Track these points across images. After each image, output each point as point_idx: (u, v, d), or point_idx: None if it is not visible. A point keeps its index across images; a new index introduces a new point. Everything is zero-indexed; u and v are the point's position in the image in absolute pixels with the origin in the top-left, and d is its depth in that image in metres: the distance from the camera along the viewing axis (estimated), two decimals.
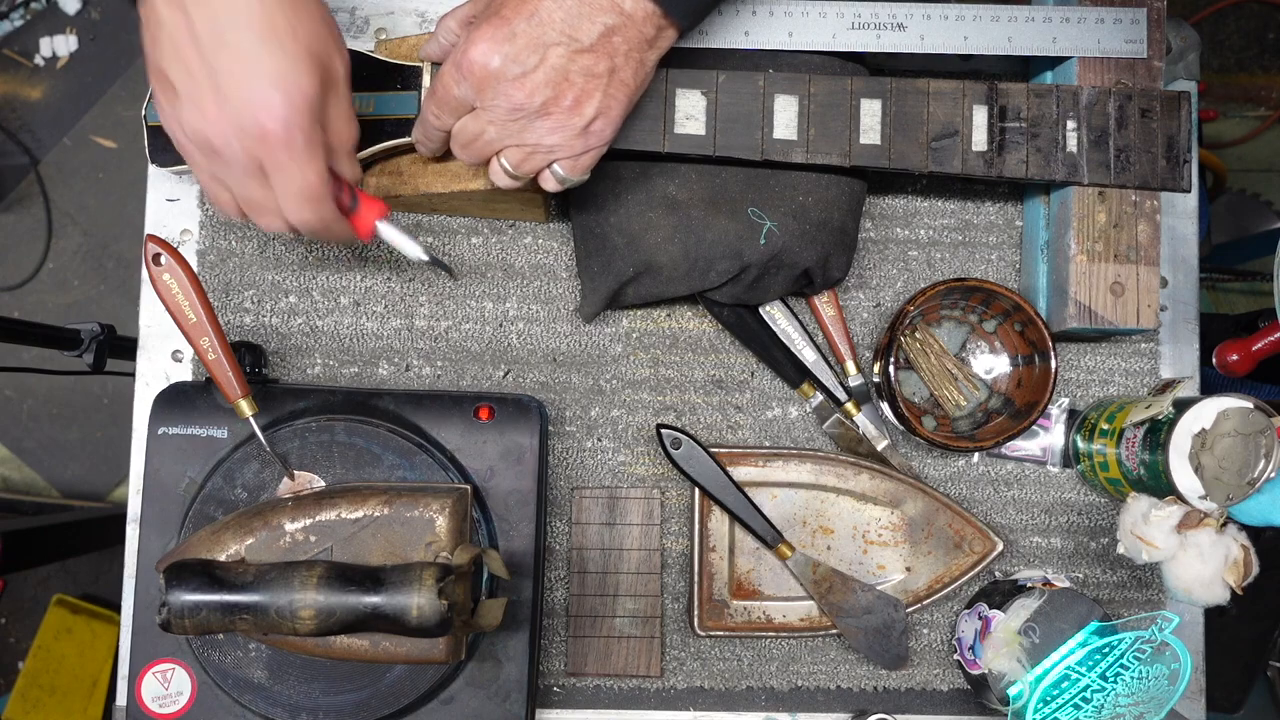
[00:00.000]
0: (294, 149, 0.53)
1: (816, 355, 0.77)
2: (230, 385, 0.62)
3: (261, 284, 0.77)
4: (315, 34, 0.53)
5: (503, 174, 0.62)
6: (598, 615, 0.76)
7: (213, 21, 0.51)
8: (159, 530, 0.67)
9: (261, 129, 0.52)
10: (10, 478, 1.81)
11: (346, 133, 0.58)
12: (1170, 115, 0.72)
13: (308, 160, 0.54)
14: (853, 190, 0.73)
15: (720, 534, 0.76)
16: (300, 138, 0.53)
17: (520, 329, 0.78)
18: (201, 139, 0.53)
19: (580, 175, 0.62)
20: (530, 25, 0.55)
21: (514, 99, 0.57)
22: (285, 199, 0.55)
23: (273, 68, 0.51)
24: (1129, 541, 0.67)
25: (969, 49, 0.71)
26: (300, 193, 0.55)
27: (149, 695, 0.66)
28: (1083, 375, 0.80)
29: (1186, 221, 0.81)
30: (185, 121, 0.53)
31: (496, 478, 0.68)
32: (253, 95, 0.51)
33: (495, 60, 0.56)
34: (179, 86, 0.52)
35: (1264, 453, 0.67)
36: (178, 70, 0.52)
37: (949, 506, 0.77)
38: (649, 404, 0.78)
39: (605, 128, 0.59)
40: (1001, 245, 0.80)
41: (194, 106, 0.52)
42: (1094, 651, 0.67)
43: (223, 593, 0.55)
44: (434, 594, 0.54)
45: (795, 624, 0.76)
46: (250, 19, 0.51)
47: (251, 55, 0.51)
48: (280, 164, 0.54)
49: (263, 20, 0.51)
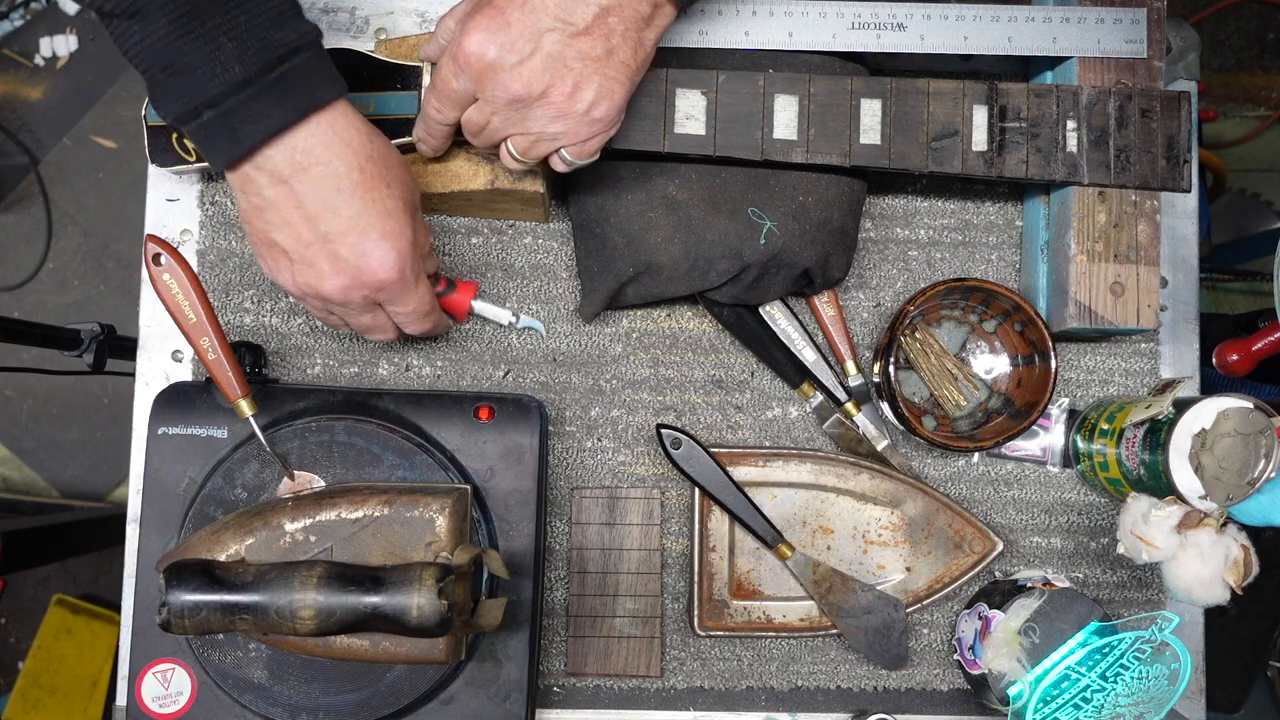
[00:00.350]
0: (407, 286, 0.60)
1: (816, 355, 0.77)
2: (230, 385, 0.62)
3: (261, 284, 0.77)
4: (404, 182, 0.59)
5: (511, 160, 0.62)
6: (598, 615, 0.76)
7: (317, 192, 0.56)
8: (159, 530, 0.67)
9: (379, 280, 0.59)
10: (10, 478, 1.81)
11: (427, 243, 0.64)
12: (1170, 115, 0.72)
13: (418, 288, 0.62)
14: (853, 190, 0.73)
15: (720, 534, 0.76)
16: (412, 277, 0.60)
17: (520, 329, 0.78)
18: (318, 295, 0.59)
19: (588, 158, 0.62)
20: (524, 13, 0.55)
21: (512, 89, 0.57)
22: (405, 322, 0.64)
23: (380, 227, 0.57)
24: (1129, 541, 0.67)
25: (969, 49, 0.71)
26: (416, 314, 0.63)
27: (149, 695, 0.66)
28: (1083, 375, 0.80)
29: (1186, 221, 0.81)
30: (301, 283, 0.59)
31: (496, 478, 0.68)
32: (366, 254, 0.58)
33: (491, 50, 0.56)
34: (292, 253, 0.58)
35: (1264, 453, 0.67)
36: (287, 238, 0.57)
37: (949, 506, 0.77)
38: (649, 404, 0.78)
39: (609, 111, 0.59)
40: (1001, 245, 0.80)
41: (309, 268, 0.58)
42: (1094, 651, 0.67)
43: (223, 593, 0.55)
44: (434, 594, 0.54)
45: (795, 624, 0.76)
46: (351, 186, 0.56)
47: (360, 219, 0.57)
48: (396, 298, 0.61)
49: (362, 184, 0.57)
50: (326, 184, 0.56)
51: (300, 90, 0.54)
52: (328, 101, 0.55)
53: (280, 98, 0.54)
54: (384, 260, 0.58)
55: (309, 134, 0.55)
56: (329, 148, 0.55)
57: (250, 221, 0.58)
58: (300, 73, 0.54)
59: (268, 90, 0.53)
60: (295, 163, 0.55)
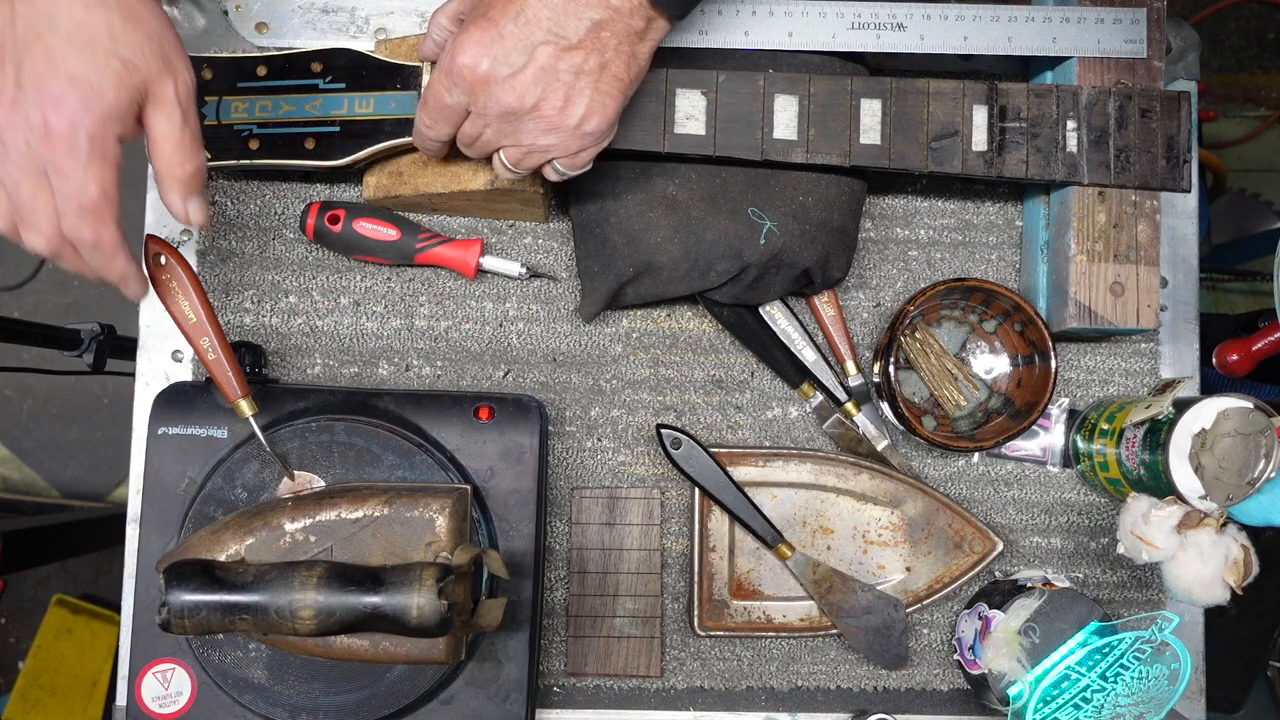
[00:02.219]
0: (77, 152, 0.51)
1: (816, 355, 0.77)
2: (230, 385, 0.62)
3: (261, 284, 0.77)
4: (139, 46, 0.52)
5: (504, 170, 0.62)
6: (598, 615, 0.76)
7: (32, 18, 0.51)
8: (159, 530, 0.67)
9: (47, 125, 0.50)
10: (10, 478, 1.81)
11: (183, 163, 0.54)
12: (1170, 115, 0.72)
13: (89, 166, 0.51)
14: (853, 190, 0.73)
15: (720, 534, 0.76)
16: (86, 142, 0.51)
17: (520, 329, 0.78)
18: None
19: (580, 169, 0.62)
20: (517, 25, 0.55)
21: (504, 102, 0.57)
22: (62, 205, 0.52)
23: (75, 69, 0.50)
24: (1129, 541, 0.67)
25: (969, 49, 0.71)
26: (76, 200, 0.52)
27: (149, 695, 0.66)
28: (1083, 375, 0.80)
29: (1186, 221, 0.81)
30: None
31: (496, 478, 0.68)
32: (47, 89, 0.50)
33: (484, 63, 0.56)
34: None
35: (1264, 453, 0.67)
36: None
37: (949, 506, 0.77)
38: (649, 404, 0.78)
39: (600, 125, 0.59)
40: (1001, 245, 0.80)
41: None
42: (1094, 651, 0.67)
43: (222, 593, 0.55)
44: (434, 594, 0.54)
45: (795, 624, 0.76)
46: (69, 21, 0.51)
47: (58, 54, 0.50)
48: (61, 166, 0.51)
49: (79, 24, 0.51)
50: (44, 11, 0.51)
51: None
52: None
53: None
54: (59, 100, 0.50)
55: None
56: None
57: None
58: None
59: None
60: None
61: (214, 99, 0.70)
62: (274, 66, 0.70)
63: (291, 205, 0.77)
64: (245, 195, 0.77)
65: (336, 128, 0.69)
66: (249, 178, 0.77)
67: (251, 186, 0.77)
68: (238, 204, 0.77)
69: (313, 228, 0.74)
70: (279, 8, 0.78)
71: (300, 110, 0.69)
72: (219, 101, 0.70)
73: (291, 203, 0.77)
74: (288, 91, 0.69)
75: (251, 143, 0.69)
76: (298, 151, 0.69)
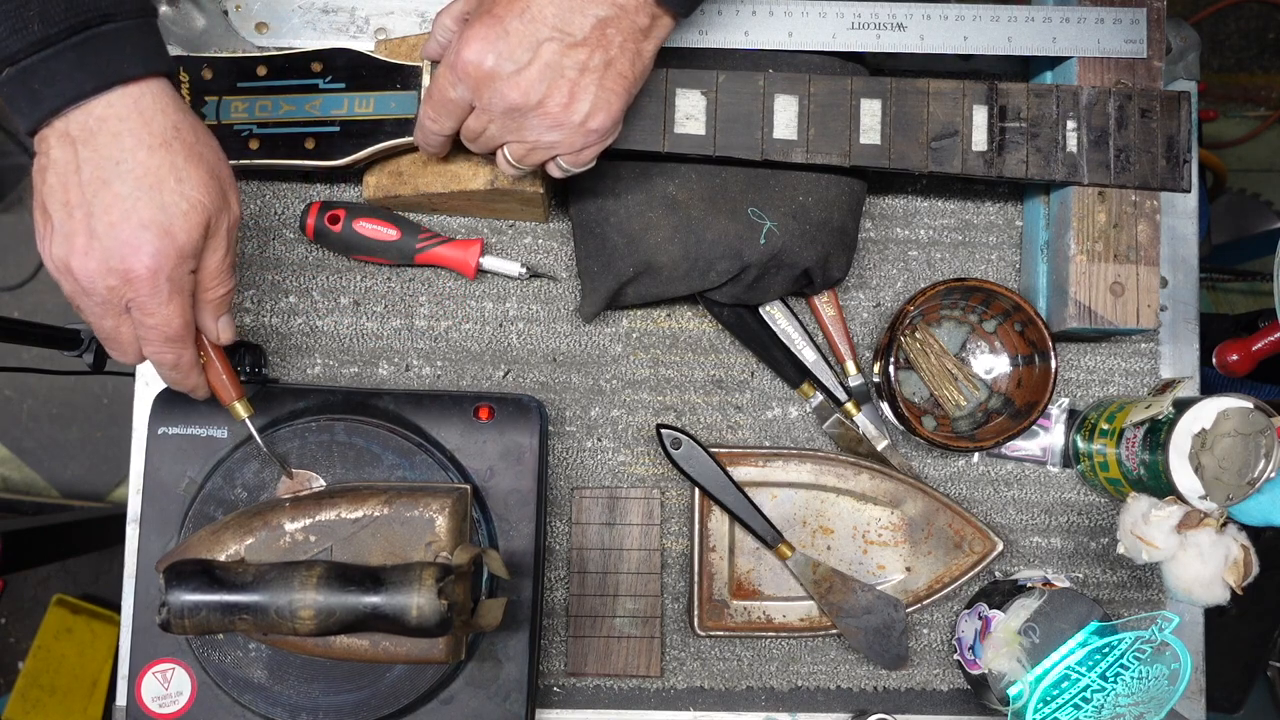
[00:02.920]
0: (159, 293, 0.54)
1: (816, 355, 0.77)
2: (224, 389, 0.62)
3: (261, 284, 0.77)
4: (203, 185, 0.54)
5: (508, 166, 0.62)
6: (598, 615, 0.76)
7: (98, 164, 0.52)
8: (159, 530, 0.67)
9: (128, 270, 0.53)
10: (10, 478, 1.81)
11: (217, 289, 0.58)
12: (1170, 115, 0.72)
13: (169, 301, 0.55)
14: (853, 190, 0.73)
15: (720, 534, 0.76)
16: (165, 284, 0.54)
17: (520, 329, 0.78)
18: (68, 270, 0.54)
19: (583, 166, 0.62)
20: (522, 22, 0.55)
21: (509, 98, 0.57)
22: (145, 335, 0.56)
23: (148, 215, 0.52)
24: (1129, 541, 0.67)
25: (969, 49, 0.71)
26: (160, 333, 0.56)
27: (149, 695, 0.66)
28: (1083, 375, 0.80)
29: (1186, 221, 0.81)
30: (54, 253, 0.54)
31: (496, 478, 0.68)
32: (121, 238, 0.52)
33: (489, 59, 0.56)
34: (56, 220, 0.53)
35: (1264, 453, 0.67)
36: (57, 204, 0.53)
37: (949, 506, 0.77)
38: (649, 404, 0.78)
39: (605, 122, 0.59)
40: (1001, 245, 0.80)
41: (65, 240, 0.53)
42: (1094, 651, 0.67)
43: (222, 593, 0.55)
44: (434, 594, 0.54)
45: (795, 624, 0.76)
46: (134, 165, 0.52)
47: (128, 200, 0.52)
48: (144, 305, 0.54)
49: (146, 168, 0.52)
50: (109, 156, 0.52)
51: (105, 58, 0.51)
52: (137, 76, 0.52)
53: (81, 62, 0.51)
54: (138, 248, 0.52)
55: (109, 103, 0.52)
56: (123, 121, 0.52)
57: (35, 186, 0.55)
58: (108, 40, 0.52)
59: (68, 53, 0.51)
60: (87, 127, 0.52)
61: (214, 99, 0.70)
62: (274, 66, 0.70)
63: (291, 205, 0.77)
64: (245, 195, 0.77)
65: (336, 128, 0.69)
66: (249, 178, 0.77)
67: (251, 186, 0.77)
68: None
69: (313, 228, 0.74)
70: (279, 8, 0.78)
71: (300, 110, 0.69)
72: (219, 101, 0.70)
73: (291, 203, 0.77)
74: (288, 91, 0.69)
75: (251, 143, 0.69)
76: (298, 151, 0.69)
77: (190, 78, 0.70)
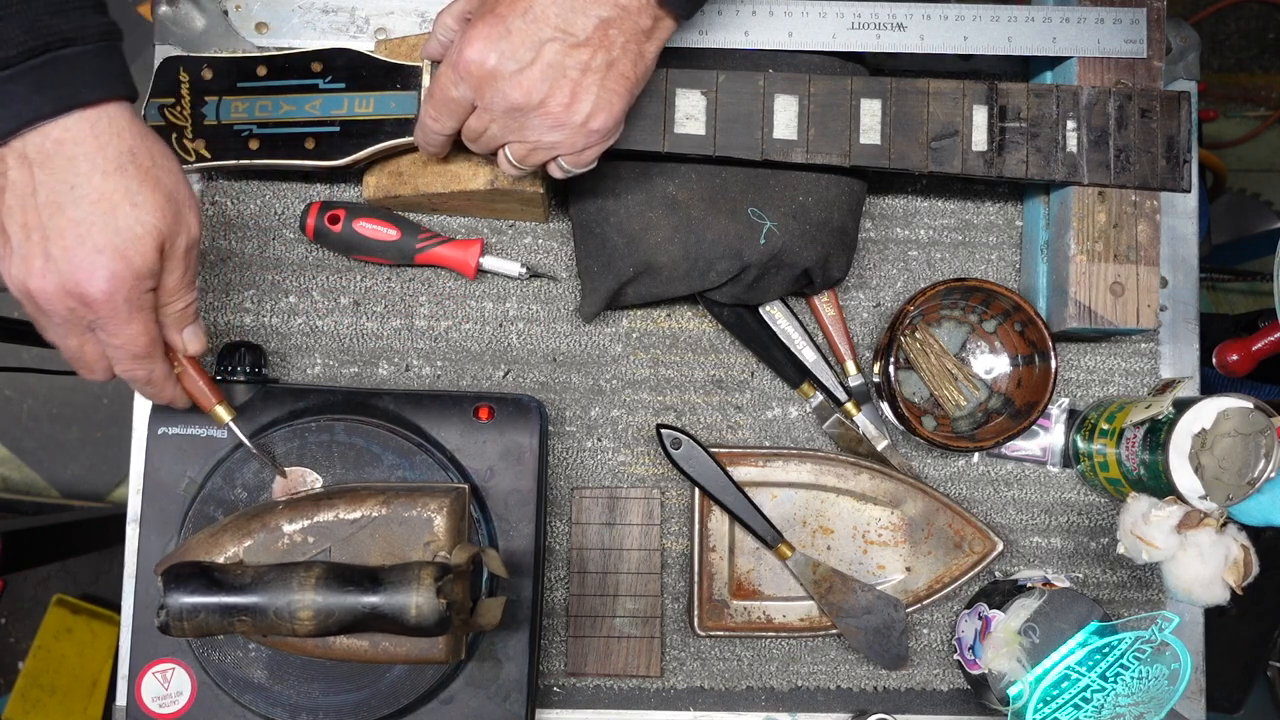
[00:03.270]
0: (118, 314, 0.55)
1: (816, 355, 0.77)
2: (203, 397, 0.62)
3: (261, 284, 0.77)
4: (158, 207, 0.54)
5: (509, 166, 0.62)
6: (598, 615, 0.76)
7: (53, 187, 0.52)
8: (159, 530, 0.67)
9: (84, 294, 0.53)
10: (10, 478, 1.81)
11: (176, 304, 0.58)
12: (1170, 115, 0.72)
13: (129, 321, 0.55)
14: (853, 190, 0.73)
15: (720, 534, 0.76)
16: (124, 305, 0.54)
17: (520, 329, 0.78)
18: (27, 293, 0.54)
19: (585, 167, 0.62)
20: (525, 21, 0.55)
21: (511, 97, 0.57)
22: (113, 354, 0.57)
23: (103, 240, 0.53)
24: (1129, 541, 0.67)
25: (969, 49, 0.71)
26: (126, 351, 0.56)
27: (149, 695, 0.66)
28: (1083, 375, 0.80)
29: (1186, 221, 0.81)
30: (13, 275, 0.54)
31: (496, 478, 0.68)
32: (77, 261, 0.53)
33: (491, 58, 0.56)
34: (14, 241, 0.53)
35: (1264, 453, 0.67)
36: (15, 225, 0.53)
37: (949, 506, 0.77)
38: (649, 404, 0.78)
39: (606, 123, 0.59)
40: (1001, 245, 0.80)
41: (22, 261, 0.53)
42: (1094, 651, 0.67)
43: (221, 595, 0.55)
44: (432, 593, 0.54)
45: (795, 624, 0.76)
46: (89, 190, 0.52)
47: (83, 225, 0.52)
48: (106, 326, 0.55)
49: (100, 192, 0.53)
50: (64, 180, 0.52)
51: (63, 82, 0.52)
52: (94, 100, 0.53)
53: (38, 85, 0.51)
54: (92, 273, 0.53)
55: (65, 127, 0.52)
56: (78, 145, 0.52)
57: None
58: (68, 65, 0.52)
59: (27, 75, 0.51)
60: (43, 150, 0.52)
61: (214, 99, 0.70)
62: (274, 66, 0.70)
63: (291, 205, 0.77)
64: (245, 195, 0.77)
65: (336, 128, 0.69)
66: (249, 178, 0.77)
67: (251, 186, 0.77)
68: (238, 204, 0.77)
69: (313, 228, 0.74)
70: (279, 8, 0.78)
71: (300, 110, 0.69)
72: (219, 101, 0.70)
73: (291, 203, 0.77)
74: (288, 91, 0.69)
75: (251, 143, 0.69)
76: (298, 151, 0.69)
77: (190, 78, 0.70)
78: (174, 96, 0.70)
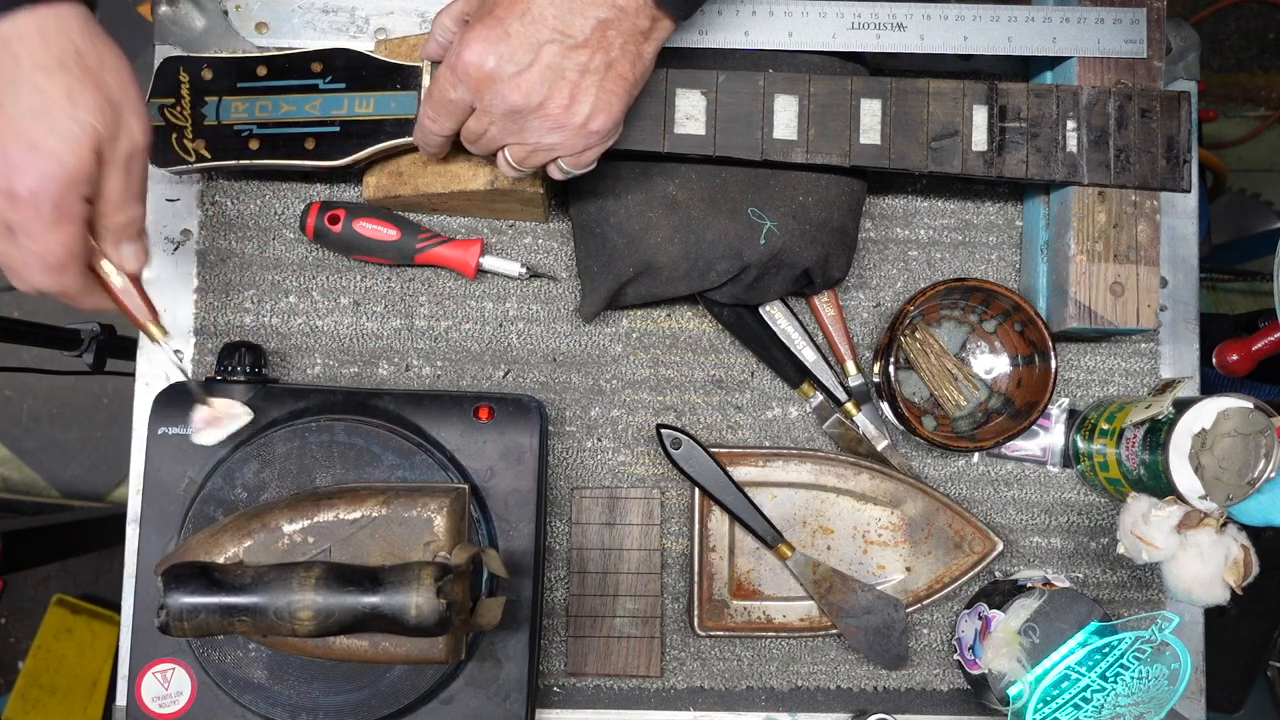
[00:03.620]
0: (41, 217, 0.53)
1: (816, 355, 0.77)
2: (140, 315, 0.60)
3: (261, 284, 0.77)
4: (97, 110, 0.53)
5: (508, 167, 0.62)
6: (598, 615, 0.76)
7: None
8: (159, 530, 0.67)
9: (11, 190, 0.52)
10: (10, 478, 1.81)
11: (116, 215, 0.56)
12: (1170, 115, 0.72)
13: (51, 227, 0.53)
14: (853, 190, 0.73)
15: (720, 534, 0.76)
16: (50, 208, 0.52)
17: (520, 329, 0.78)
18: None
19: (584, 168, 0.62)
20: (523, 24, 0.55)
21: (510, 99, 0.57)
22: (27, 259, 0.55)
23: (37, 136, 0.52)
24: (1129, 541, 0.67)
25: (969, 49, 0.71)
26: (39, 259, 0.54)
27: (149, 695, 0.66)
28: (1083, 375, 0.80)
29: (1186, 221, 0.81)
30: None
31: (496, 478, 0.68)
32: (10, 158, 0.52)
33: (490, 60, 0.56)
34: None
35: (1264, 453, 0.67)
36: None
37: (949, 506, 0.77)
38: (649, 404, 0.78)
39: (606, 124, 0.59)
40: (1001, 245, 0.80)
41: None
42: (1094, 651, 0.67)
43: (221, 595, 0.55)
44: (432, 593, 0.54)
45: (795, 624, 0.76)
46: (28, 88, 0.52)
47: (18, 121, 0.52)
48: (28, 229, 0.53)
49: (38, 89, 0.52)
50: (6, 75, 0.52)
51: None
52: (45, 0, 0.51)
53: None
54: (21, 170, 0.51)
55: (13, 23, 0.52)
56: (23, 41, 0.52)
57: None
58: None
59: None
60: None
61: (214, 99, 0.70)
62: (274, 66, 0.70)
63: (291, 205, 0.77)
64: (245, 195, 0.77)
65: (336, 128, 0.69)
66: (249, 178, 0.77)
67: (251, 186, 0.77)
68: (238, 204, 0.77)
69: (313, 228, 0.74)
70: (279, 8, 0.78)
71: (300, 110, 0.69)
72: (219, 101, 0.70)
73: (291, 203, 0.77)
74: (288, 91, 0.69)
75: (251, 143, 0.69)
76: (298, 151, 0.69)
77: (190, 78, 0.70)
78: (174, 97, 0.70)
